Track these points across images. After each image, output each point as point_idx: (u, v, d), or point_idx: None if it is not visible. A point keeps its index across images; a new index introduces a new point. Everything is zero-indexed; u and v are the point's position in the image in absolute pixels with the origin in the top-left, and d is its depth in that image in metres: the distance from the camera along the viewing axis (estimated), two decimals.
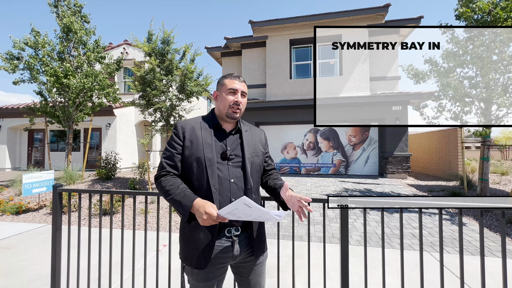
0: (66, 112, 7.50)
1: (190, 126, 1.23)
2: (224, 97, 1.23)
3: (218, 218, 0.97)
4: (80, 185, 6.85)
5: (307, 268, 1.67)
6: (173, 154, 1.18)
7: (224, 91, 1.23)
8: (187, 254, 1.17)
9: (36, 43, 6.97)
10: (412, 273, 2.55)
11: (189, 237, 1.18)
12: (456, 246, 3.31)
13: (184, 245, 1.20)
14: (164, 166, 1.17)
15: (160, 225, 4.20)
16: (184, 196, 1.06)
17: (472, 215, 4.64)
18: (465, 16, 5.39)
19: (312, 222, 4.24)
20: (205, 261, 1.13)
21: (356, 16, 9.62)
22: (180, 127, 1.22)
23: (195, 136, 1.19)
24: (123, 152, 10.80)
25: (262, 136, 1.42)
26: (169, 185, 1.10)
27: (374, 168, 9.76)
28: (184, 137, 1.20)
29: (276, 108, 10.03)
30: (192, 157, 1.16)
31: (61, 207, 1.96)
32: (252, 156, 1.26)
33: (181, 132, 1.21)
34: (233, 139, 1.26)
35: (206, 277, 1.15)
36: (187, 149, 1.18)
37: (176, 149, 1.19)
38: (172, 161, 1.18)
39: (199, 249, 1.13)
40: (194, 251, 1.15)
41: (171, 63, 6.24)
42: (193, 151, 1.17)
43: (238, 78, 1.25)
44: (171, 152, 1.19)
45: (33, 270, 2.68)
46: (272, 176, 1.37)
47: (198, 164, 1.16)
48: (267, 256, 1.35)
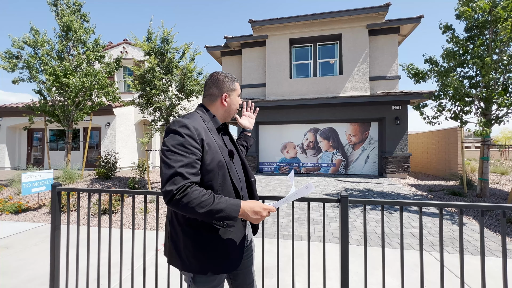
0: (66, 111, 7.48)
1: (202, 127, 1.09)
2: (235, 100, 1.28)
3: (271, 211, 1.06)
4: (80, 184, 6.84)
5: (306, 267, 1.66)
6: (194, 161, 1.00)
7: (236, 95, 1.28)
8: (208, 262, 1.07)
9: (35, 42, 6.95)
10: (412, 273, 2.54)
11: (213, 243, 1.08)
12: (456, 245, 3.30)
13: (202, 254, 1.07)
14: (185, 175, 0.96)
15: (160, 224, 4.19)
16: (227, 202, 0.99)
17: (471, 214, 4.64)
18: (466, 15, 5.38)
19: (312, 222, 4.23)
20: (239, 258, 1.15)
21: (356, 16, 9.61)
22: (194, 129, 1.04)
23: (210, 138, 1.10)
24: (122, 152, 10.79)
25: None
26: (202, 195, 0.96)
27: (374, 168, 9.76)
28: (203, 139, 1.06)
29: (276, 107, 10.02)
30: (214, 162, 1.07)
31: (59, 206, 1.95)
32: (240, 151, 1.31)
33: (197, 135, 1.04)
34: (226, 138, 1.28)
35: (218, 280, 1.14)
36: (207, 154, 1.06)
37: (195, 155, 1.02)
38: (193, 168, 1.00)
39: (232, 248, 1.12)
40: (222, 255, 1.09)
41: (170, 62, 6.23)
42: (214, 155, 1.07)
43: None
44: (189, 158, 1.00)
45: (32, 270, 2.67)
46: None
47: (220, 168, 1.08)
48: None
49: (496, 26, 5.13)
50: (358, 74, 9.77)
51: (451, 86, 5.49)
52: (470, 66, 5.69)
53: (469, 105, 5.83)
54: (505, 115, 5.40)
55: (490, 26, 5.31)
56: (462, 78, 5.89)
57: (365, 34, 9.73)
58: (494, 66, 5.02)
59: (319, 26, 10.08)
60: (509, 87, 5.33)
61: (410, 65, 6.40)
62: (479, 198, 5.64)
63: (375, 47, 9.91)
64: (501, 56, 5.03)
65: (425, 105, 6.47)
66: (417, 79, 6.37)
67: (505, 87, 5.32)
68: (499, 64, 5.08)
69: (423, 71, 6.25)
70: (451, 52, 5.69)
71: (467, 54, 5.64)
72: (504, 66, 5.12)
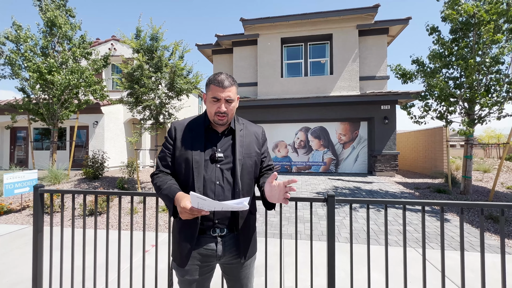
0: (51, 110, 7.25)
1: (182, 126, 1.24)
2: (208, 104, 1.19)
3: (192, 211, 0.99)
4: (66, 184, 6.65)
5: (295, 265, 1.68)
6: (166, 154, 1.23)
7: (209, 98, 1.18)
8: (174, 251, 1.21)
9: (17, 37, 6.69)
10: (397, 268, 2.61)
11: (175, 235, 1.22)
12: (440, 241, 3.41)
13: (173, 242, 1.24)
14: (158, 165, 1.24)
15: (149, 225, 4.13)
16: (170, 190, 1.10)
17: (455, 211, 4.80)
18: (451, 18, 5.53)
19: (303, 220, 4.27)
20: (186, 259, 1.15)
21: (346, 16, 9.73)
22: (173, 128, 1.25)
23: (185, 137, 1.21)
24: (111, 151, 10.55)
25: (259, 133, 1.35)
26: (159, 181, 1.17)
27: (364, 166, 9.94)
28: (175, 137, 1.22)
29: (267, 106, 10.04)
30: (181, 158, 1.19)
31: (42, 208, 1.89)
32: (244, 158, 1.22)
33: (174, 133, 1.24)
34: (225, 140, 1.24)
35: (190, 274, 1.17)
36: (177, 150, 1.20)
37: (169, 150, 1.23)
38: (164, 160, 1.23)
39: (181, 247, 1.16)
40: (178, 249, 1.18)
41: (160, 60, 6.12)
42: (183, 152, 1.18)
43: (223, 84, 1.14)
44: (164, 152, 1.24)
45: (14, 274, 2.58)
46: (264, 175, 1.35)
47: (185, 165, 1.17)
48: (255, 259, 1.34)
49: (479, 29, 5.31)
50: (348, 74, 9.90)
51: (437, 87, 5.65)
52: (454, 67, 5.87)
53: (453, 105, 6.01)
54: (487, 115, 5.60)
55: (474, 29, 5.48)
56: (447, 79, 6.07)
57: (355, 34, 9.87)
58: (477, 67, 5.20)
59: (310, 26, 10.14)
60: (491, 88, 5.53)
61: (398, 65, 6.54)
62: (462, 195, 5.84)
63: (365, 48, 10.06)
64: (483, 58, 5.21)
65: (412, 105, 6.63)
66: (404, 80, 6.51)
67: (487, 88, 5.52)
68: (482, 66, 5.26)
69: (410, 71, 6.39)
70: (437, 54, 5.85)
71: (452, 55, 5.81)
72: (487, 68, 5.31)
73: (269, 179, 1.10)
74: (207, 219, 1.16)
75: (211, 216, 1.16)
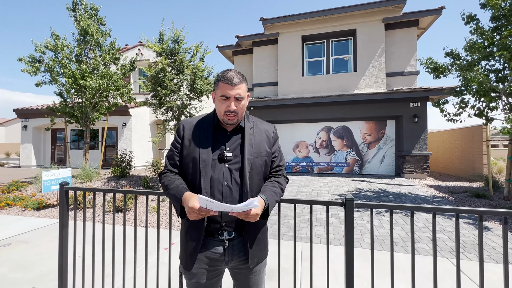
0: (83, 112, 7.80)
1: (191, 125, 1.21)
2: (217, 103, 1.14)
3: (201, 211, 0.96)
4: (96, 182, 7.10)
5: (310, 271, 1.59)
6: (174, 153, 1.21)
7: (217, 96, 1.13)
8: (181, 253, 1.19)
9: (55, 46, 7.29)
10: (427, 281, 2.38)
11: (182, 237, 1.19)
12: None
13: (180, 244, 1.22)
14: (166, 164, 1.22)
15: (173, 223, 4.23)
16: (177, 189, 1.08)
17: (497, 219, 4.31)
18: (492, 3, 4.99)
19: (323, 223, 4.11)
20: (191, 262, 1.11)
21: (371, 9, 9.25)
22: (182, 126, 1.22)
23: (194, 136, 1.18)
24: (138, 151, 11.10)
25: (270, 132, 1.27)
26: (167, 180, 1.14)
27: (391, 168, 9.37)
28: (183, 136, 1.20)
29: (287, 106, 9.88)
30: (188, 157, 1.16)
31: (67, 205, 2.00)
32: (253, 157, 1.16)
33: (182, 131, 1.21)
34: (234, 139, 1.18)
35: (198, 278, 1.13)
36: (185, 149, 1.18)
37: (177, 148, 1.21)
38: (172, 159, 1.20)
39: (187, 249, 1.13)
40: (184, 251, 1.16)
41: (181, 62, 6.29)
42: (190, 151, 1.15)
43: (232, 81, 1.08)
44: (172, 151, 1.22)
45: (46, 265, 2.78)
46: (271, 178, 1.24)
47: (193, 165, 1.14)
48: (265, 264, 1.26)
49: None
50: (374, 70, 9.40)
51: (474, 81, 5.13)
52: (496, 58, 5.28)
53: (495, 101, 5.42)
54: None
55: None
56: (487, 72, 5.49)
57: (381, 28, 9.34)
58: None
59: (332, 22, 9.80)
60: None
61: (428, 59, 6.06)
62: (506, 201, 5.24)
63: (392, 42, 9.48)
64: None
65: (446, 102, 6.11)
66: (436, 74, 6.02)
67: None
68: None
69: (443, 65, 5.89)
70: (475, 44, 5.30)
71: (493, 45, 5.24)
72: None
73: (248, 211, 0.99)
74: (214, 222, 1.12)
75: (218, 219, 1.12)
